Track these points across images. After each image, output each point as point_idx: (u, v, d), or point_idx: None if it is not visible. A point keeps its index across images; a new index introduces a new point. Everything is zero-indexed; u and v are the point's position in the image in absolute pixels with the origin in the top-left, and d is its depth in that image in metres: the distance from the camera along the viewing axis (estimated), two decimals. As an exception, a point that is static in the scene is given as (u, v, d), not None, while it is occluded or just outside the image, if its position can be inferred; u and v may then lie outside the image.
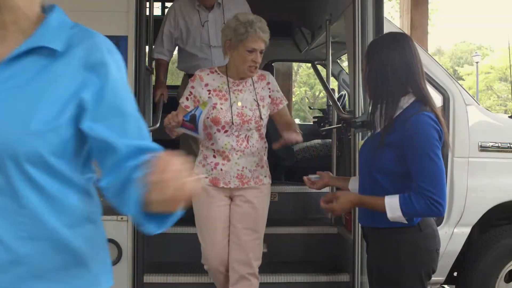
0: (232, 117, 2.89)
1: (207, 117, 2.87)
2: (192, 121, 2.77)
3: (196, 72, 3.00)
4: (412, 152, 2.08)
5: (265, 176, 3.03)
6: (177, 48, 4.05)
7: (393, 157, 2.13)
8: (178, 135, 2.93)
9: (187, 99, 2.95)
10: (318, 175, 2.59)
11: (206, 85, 2.94)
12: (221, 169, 2.93)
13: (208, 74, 2.97)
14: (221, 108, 2.89)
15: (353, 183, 2.49)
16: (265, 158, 3.05)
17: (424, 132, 2.07)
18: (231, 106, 2.90)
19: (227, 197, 3.00)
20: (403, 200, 2.08)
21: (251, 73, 2.91)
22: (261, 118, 2.95)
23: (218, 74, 2.98)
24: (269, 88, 3.02)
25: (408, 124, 2.09)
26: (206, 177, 2.94)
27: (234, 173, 2.93)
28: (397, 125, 2.14)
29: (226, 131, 2.90)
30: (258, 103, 2.95)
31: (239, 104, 2.93)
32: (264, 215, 3.04)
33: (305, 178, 2.60)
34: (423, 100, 2.17)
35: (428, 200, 2.05)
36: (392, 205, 2.09)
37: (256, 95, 2.97)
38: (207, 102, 2.85)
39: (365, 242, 2.43)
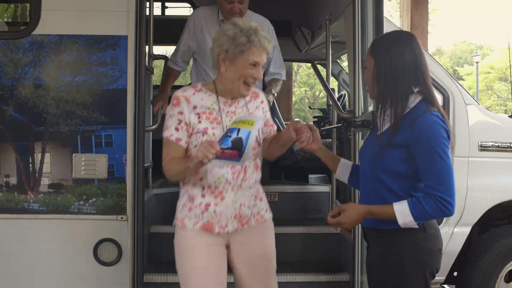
0: None
1: (194, 146, 2.38)
2: (237, 147, 2.18)
3: (178, 94, 2.43)
4: (421, 151, 2.07)
5: (266, 211, 2.57)
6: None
7: (400, 157, 2.12)
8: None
9: (177, 129, 2.39)
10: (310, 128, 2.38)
11: (195, 107, 2.41)
12: (214, 211, 2.40)
13: (194, 94, 2.44)
14: (213, 134, 2.37)
15: (343, 169, 2.46)
16: (260, 188, 2.57)
17: (433, 131, 2.07)
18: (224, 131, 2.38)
19: (222, 245, 2.47)
20: (412, 205, 2.07)
21: (246, 92, 2.42)
22: (259, 144, 2.46)
23: (206, 92, 2.46)
24: (263, 108, 2.59)
25: (417, 123, 2.08)
26: (195, 223, 2.42)
27: (231, 213, 2.42)
28: (404, 124, 2.13)
29: None
30: None
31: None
32: (273, 256, 2.59)
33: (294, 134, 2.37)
34: (430, 99, 2.16)
35: (437, 200, 2.04)
36: (402, 211, 2.07)
37: None
38: (251, 120, 2.25)
39: (366, 243, 2.43)
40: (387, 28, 2.96)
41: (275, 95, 3.77)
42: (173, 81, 3.93)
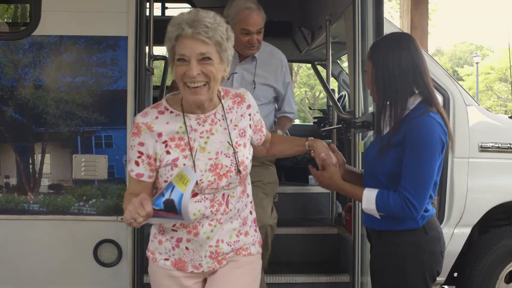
0: (202, 173, 1.97)
1: (164, 180, 2.00)
2: (170, 209, 1.82)
3: (138, 121, 2.01)
4: (408, 152, 2.08)
5: (253, 245, 2.16)
6: None
7: (399, 158, 2.12)
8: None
9: (137, 164, 2.00)
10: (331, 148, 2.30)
11: (160, 135, 1.99)
12: (186, 247, 2.04)
13: (157, 118, 2.00)
14: (184, 164, 1.96)
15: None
16: (252, 217, 2.18)
17: (426, 136, 2.07)
18: (195, 158, 1.98)
19: (199, 283, 2.14)
20: (380, 194, 2.11)
21: (192, 96, 1.93)
22: (239, 171, 2.02)
23: (172, 112, 2.02)
24: (250, 114, 2.12)
25: (412, 125, 2.09)
26: (166, 259, 2.09)
27: (206, 251, 2.04)
28: (403, 126, 2.13)
29: (195, 194, 1.97)
30: (233, 145, 2.03)
31: (208, 151, 2.00)
32: None
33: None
34: (430, 100, 2.16)
35: (404, 200, 2.06)
36: (369, 197, 2.13)
37: (231, 132, 2.05)
38: (187, 176, 1.84)
39: (369, 243, 2.42)
40: (387, 29, 2.96)
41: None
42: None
